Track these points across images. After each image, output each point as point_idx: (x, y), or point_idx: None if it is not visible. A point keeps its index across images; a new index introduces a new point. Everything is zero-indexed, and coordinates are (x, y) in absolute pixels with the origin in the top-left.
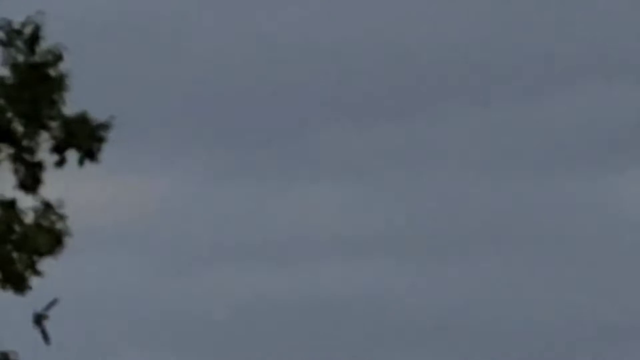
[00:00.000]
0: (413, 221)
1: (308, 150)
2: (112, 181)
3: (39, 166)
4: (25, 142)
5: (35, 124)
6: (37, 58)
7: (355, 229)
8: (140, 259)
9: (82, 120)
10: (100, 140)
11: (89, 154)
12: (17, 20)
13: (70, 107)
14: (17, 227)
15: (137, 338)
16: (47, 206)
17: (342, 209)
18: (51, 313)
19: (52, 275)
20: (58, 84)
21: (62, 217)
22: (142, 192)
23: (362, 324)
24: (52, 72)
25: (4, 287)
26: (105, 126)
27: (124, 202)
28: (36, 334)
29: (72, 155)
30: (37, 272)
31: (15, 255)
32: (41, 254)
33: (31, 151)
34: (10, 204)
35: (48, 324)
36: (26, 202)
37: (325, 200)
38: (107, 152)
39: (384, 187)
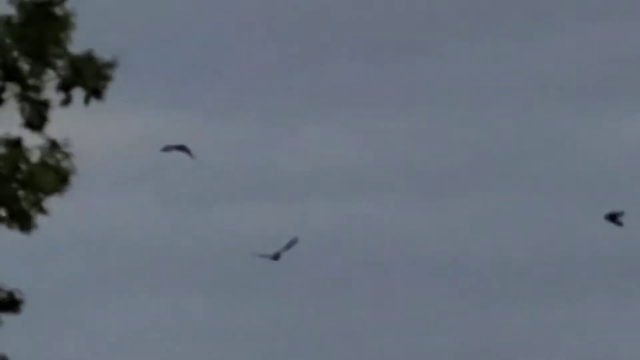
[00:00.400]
0: (422, 157)
1: (317, 86)
2: (118, 120)
3: (44, 105)
4: (31, 81)
5: (41, 62)
6: None
7: (364, 165)
8: (145, 197)
9: (88, 58)
10: (106, 78)
11: (95, 92)
12: None
13: (76, 45)
14: (23, 166)
15: (143, 275)
16: (53, 145)
17: (349, 145)
18: (57, 252)
19: (57, 213)
20: (64, 22)
21: (67, 156)
22: (148, 130)
23: (370, 260)
24: (58, 10)
25: (9, 226)
26: (111, 65)
27: (129, 140)
28: None
29: (78, 93)
30: (42, 211)
31: (21, 193)
32: (47, 193)
33: (37, 90)
34: (16, 143)
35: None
36: (32, 141)
37: (334, 137)
38: (112, 90)
39: (392, 123)
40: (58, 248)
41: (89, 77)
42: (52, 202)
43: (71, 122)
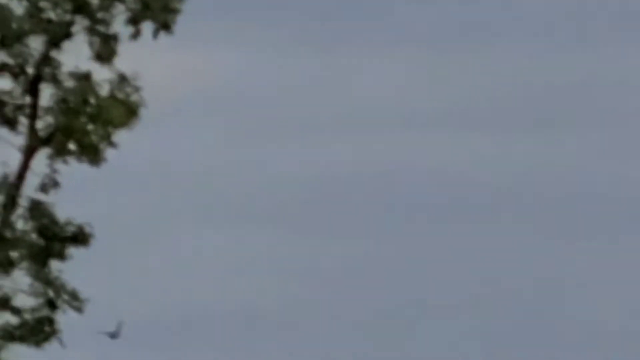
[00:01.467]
0: (475, 96)
1: (374, 24)
2: (186, 53)
3: (114, 38)
4: (100, 14)
5: None
6: None
7: (418, 102)
8: (213, 131)
9: None
10: (175, 12)
11: (164, 26)
12: None
13: None
14: (92, 99)
15: (210, 209)
16: (122, 78)
17: (405, 82)
18: (126, 185)
19: (126, 147)
20: None
21: (136, 89)
22: (216, 64)
23: (423, 195)
24: None
25: (79, 159)
26: None
27: (197, 73)
28: None
29: (147, 27)
30: (112, 144)
31: (90, 127)
32: (116, 126)
33: (106, 23)
34: (86, 76)
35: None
36: (101, 74)
37: (392, 74)
38: (181, 24)
39: (447, 64)
40: (127, 181)
41: (158, 10)
42: (121, 136)
43: (140, 56)
